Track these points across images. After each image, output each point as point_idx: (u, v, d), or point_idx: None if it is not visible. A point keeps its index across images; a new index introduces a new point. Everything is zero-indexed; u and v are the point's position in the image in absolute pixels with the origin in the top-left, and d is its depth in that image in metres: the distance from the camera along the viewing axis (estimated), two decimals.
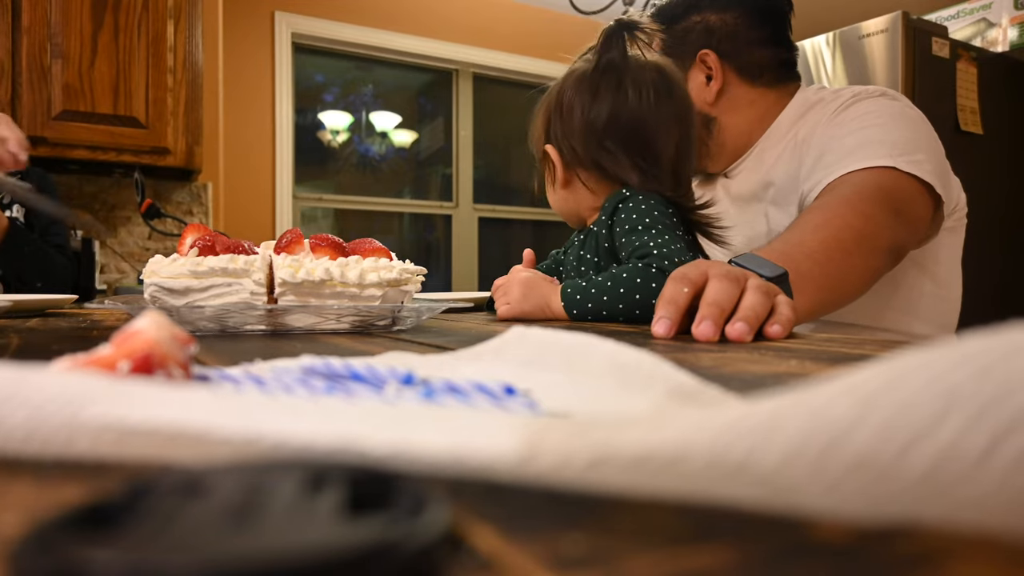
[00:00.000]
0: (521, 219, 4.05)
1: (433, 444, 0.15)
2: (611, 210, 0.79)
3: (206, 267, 0.57)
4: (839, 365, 0.36)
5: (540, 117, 0.88)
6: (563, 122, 0.84)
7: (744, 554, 0.12)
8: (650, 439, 0.14)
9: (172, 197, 2.80)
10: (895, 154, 0.85)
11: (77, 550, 0.10)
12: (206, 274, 0.57)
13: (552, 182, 0.88)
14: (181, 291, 0.57)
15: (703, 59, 1.03)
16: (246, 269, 0.58)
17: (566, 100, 0.84)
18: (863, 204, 0.82)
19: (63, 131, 2.34)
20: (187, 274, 0.57)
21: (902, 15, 2.03)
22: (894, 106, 0.93)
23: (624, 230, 0.76)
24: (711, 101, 1.04)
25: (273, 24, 3.22)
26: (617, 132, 0.81)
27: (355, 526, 0.11)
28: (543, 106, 0.88)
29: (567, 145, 0.84)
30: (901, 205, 0.84)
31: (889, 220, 0.82)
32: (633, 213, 0.76)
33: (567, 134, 0.83)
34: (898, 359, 0.13)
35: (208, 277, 0.57)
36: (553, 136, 0.85)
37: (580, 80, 0.84)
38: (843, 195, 0.83)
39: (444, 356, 0.31)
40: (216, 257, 0.58)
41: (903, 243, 0.87)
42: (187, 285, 0.57)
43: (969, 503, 0.12)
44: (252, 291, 0.59)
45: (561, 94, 0.85)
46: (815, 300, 0.76)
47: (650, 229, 0.74)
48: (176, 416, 0.16)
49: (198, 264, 0.57)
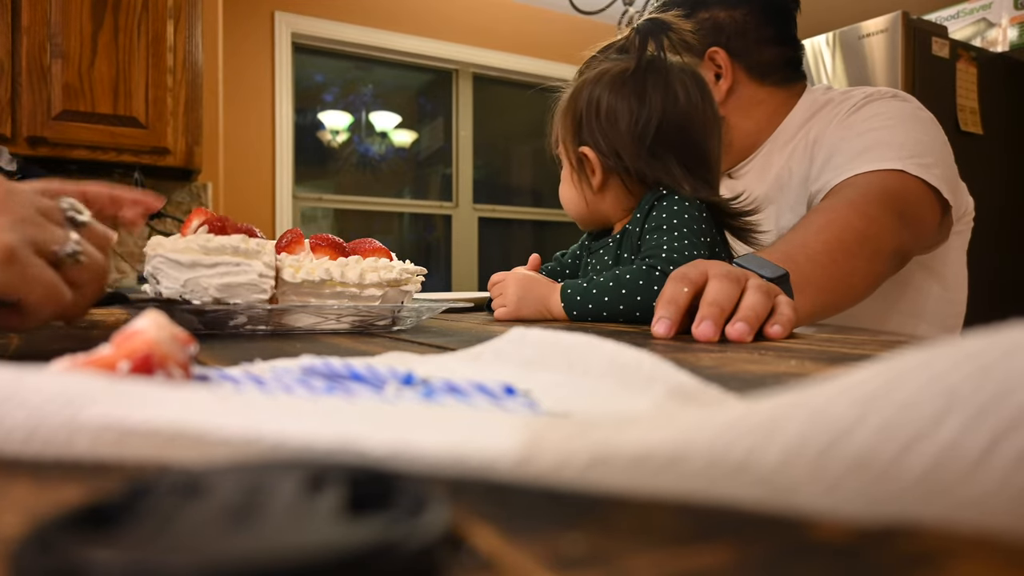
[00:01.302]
0: (521, 219, 4.06)
1: (433, 444, 0.15)
2: (648, 208, 0.77)
3: (217, 244, 0.56)
4: (839, 365, 0.36)
5: (567, 118, 0.84)
6: (604, 126, 0.80)
7: (744, 554, 0.12)
8: (650, 439, 0.14)
9: (172, 197, 2.80)
10: (904, 156, 0.84)
11: (77, 550, 0.10)
12: (216, 251, 0.56)
13: (583, 184, 0.83)
14: (188, 265, 0.56)
15: (712, 57, 1.01)
16: (257, 251, 0.58)
17: (605, 103, 0.79)
18: (867, 206, 0.81)
19: (63, 131, 2.34)
20: (197, 248, 0.56)
21: (902, 15, 2.03)
22: (906, 108, 0.92)
23: (651, 227, 0.75)
24: (721, 100, 1.01)
25: (273, 24, 3.22)
26: (668, 136, 0.78)
27: (355, 526, 0.11)
28: (569, 107, 0.83)
29: (610, 149, 0.80)
30: (906, 208, 0.83)
31: (893, 223, 0.81)
32: (664, 212, 0.75)
33: (610, 138, 0.79)
34: (898, 359, 0.13)
35: (218, 254, 0.57)
36: (591, 140, 0.81)
37: (619, 82, 0.80)
38: (848, 197, 0.83)
39: (444, 356, 0.31)
40: (228, 236, 0.58)
41: (907, 247, 0.86)
42: (195, 260, 0.56)
43: (969, 503, 0.12)
44: (261, 273, 0.58)
45: (596, 96, 0.80)
46: (817, 302, 0.75)
47: (672, 231, 0.73)
48: (176, 416, 0.16)
49: (209, 240, 0.56)
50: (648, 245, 0.74)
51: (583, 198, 0.84)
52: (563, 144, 0.85)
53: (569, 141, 0.84)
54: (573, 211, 0.87)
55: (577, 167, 0.83)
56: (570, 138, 0.84)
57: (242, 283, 0.57)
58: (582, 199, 0.84)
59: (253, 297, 0.58)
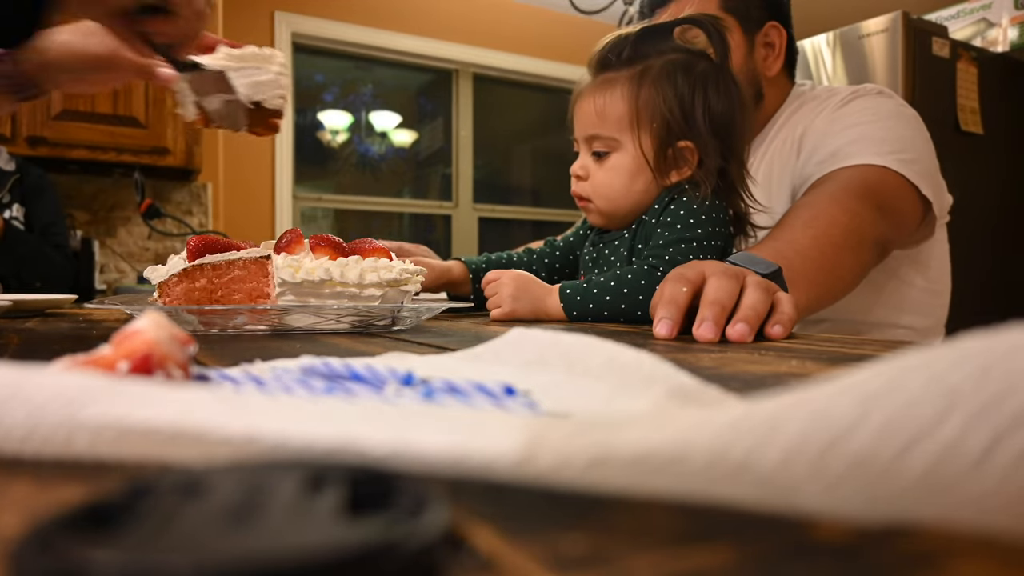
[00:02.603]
0: (521, 219, 4.06)
1: (433, 444, 0.15)
2: (667, 201, 0.76)
3: (239, 53, 0.74)
4: (839, 365, 0.36)
5: (652, 107, 0.77)
6: (716, 124, 0.76)
7: (744, 554, 0.12)
8: (650, 439, 0.14)
9: (172, 197, 2.80)
10: (885, 152, 0.86)
11: (77, 550, 0.10)
12: (240, 58, 0.73)
13: (654, 177, 0.78)
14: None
15: (769, 30, 0.99)
16: (270, 55, 0.75)
17: (712, 100, 0.76)
18: (848, 200, 0.83)
19: (63, 131, 2.34)
20: (224, 56, 0.72)
21: (902, 15, 2.03)
22: (889, 104, 0.93)
23: (664, 222, 0.75)
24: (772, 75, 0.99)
25: (273, 24, 3.22)
26: (732, 133, 0.77)
27: (355, 526, 0.11)
28: (657, 95, 0.77)
29: (709, 146, 0.76)
30: (885, 201, 0.85)
31: (873, 216, 0.83)
32: (681, 210, 0.74)
33: (720, 137, 0.76)
34: (898, 359, 0.13)
35: (242, 60, 0.74)
36: (695, 136, 0.76)
37: (713, 78, 0.77)
38: (829, 191, 0.85)
39: (444, 356, 0.31)
40: (241, 49, 0.74)
41: (887, 238, 0.88)
42: (224, 64, 0.72)
43: (969, 503, 0.12)
44: (277, 71, 0.74)
45: (697, 92, 0.76)
46: (809, 296, 0.76)
47: (685, 231, 0.73)
48: (175, 416, 0.16)
49: (231, 53, 0.74)
50: (656, 242, 0.74)
51: (647, 193, 0.79)
52: (641, 134, 0.77)
53: (658, 133, 0.77)
54: (618, 204, 0.80)
55: (663, 161, 0.77)
56: (662, 130, 0.77)
57: (265, 81, 0.74)
58: (643, 194, 0.79)
59: (273, 93, 0.75)
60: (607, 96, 0.79)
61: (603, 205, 0.81)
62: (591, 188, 0.81)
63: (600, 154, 0.80)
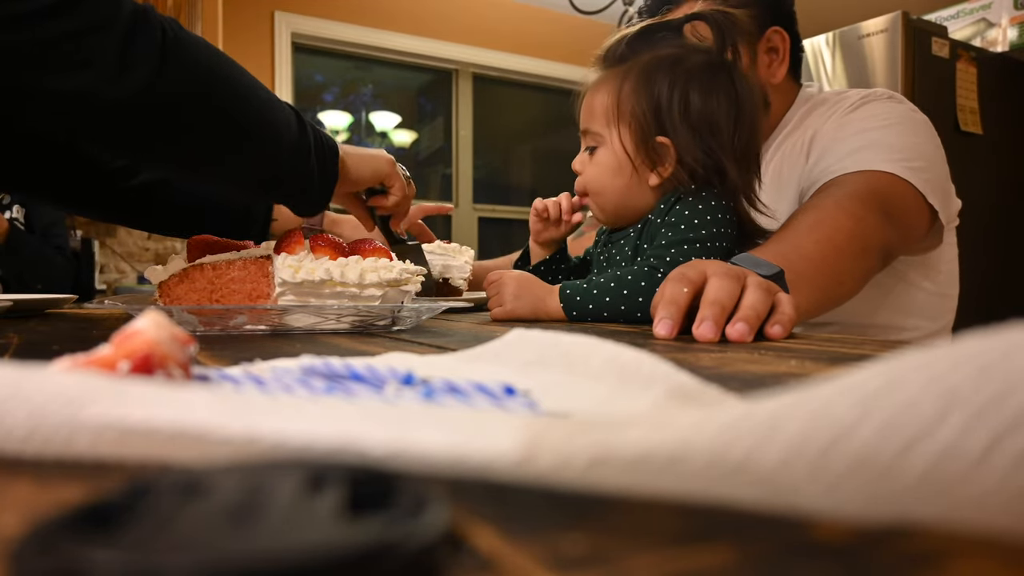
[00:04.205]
0: (521, 219, 4.06)
1: (433, 444, 0.15)
2: (673, 200, 0.75)
3: (438, 243, 0.96)
4: (839, 365, 0.36)
5: (636, 103, 0.76)
6: (695, 121, 0.75)
7: (744, 554, 0.12)
8: (650, 439, 0.14)
9: None
10: (894, 159, 0.85)
11: (77, 550, 0.10)
12: (439, 246, 0.92)
13: (640, 174, 0.77)
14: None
15: (771, 36, 0.97)
16: (462, 250, 0.91)
17: (696, 97, 0.75)
18: (853, 205, 0.82)
19: None
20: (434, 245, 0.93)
21: (902, 15, 2.03)
22: (900, 109, 0.92)
23: (670, 222, 0.74)
24: (777, 81, 0.98)
25: (273, 24, 3.22)
26: (718, 130, 0.76)
27: (355, 526, 0.11)
28: (640, 92, 0.76)
29: (697, 146, 0.75)
30: (891, 208, 0.84)
31: (879, 222, 0.82)
32: (687, 210, 0.74)
33: (702, 135, 0.75)
34: (898, 359, 0.13)
35: (444, 249, 0.91)
36: (674, 132, 0.75)
37: (707, 76, 0.76)
38: (836, 196, 0.84)
39: (444, 356, 0.31)
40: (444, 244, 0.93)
41: (893, 245, 0.87)
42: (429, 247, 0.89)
43: (969, 503, 0.12)
44: (466, 260, 0.90)
45: (683, 88, 0.75)
46: (811, 299, 0.76)
47: (689, 232, 0.72)
48: (176, 416, 0.16)
49: (437, 243, 0.95)
50: (659, 242, 0.73)
51: (629, 189, 0.78)
52: (621, 129, 0.77)
53: (634, 128, 0.76)
54: (611, 202, 0.80)
55: (642, 156, 0.77)
56: (637, 125, 0.76)
57: (453, 266, 0.96)
58: (627, 190, 0.78)
59: (459, 276, 0.98)
60: (597, 92, 0.80)
61: (596, 200, 0.82)
62: (584, 182, 0.83)
63: (592, 149, 0.81)
